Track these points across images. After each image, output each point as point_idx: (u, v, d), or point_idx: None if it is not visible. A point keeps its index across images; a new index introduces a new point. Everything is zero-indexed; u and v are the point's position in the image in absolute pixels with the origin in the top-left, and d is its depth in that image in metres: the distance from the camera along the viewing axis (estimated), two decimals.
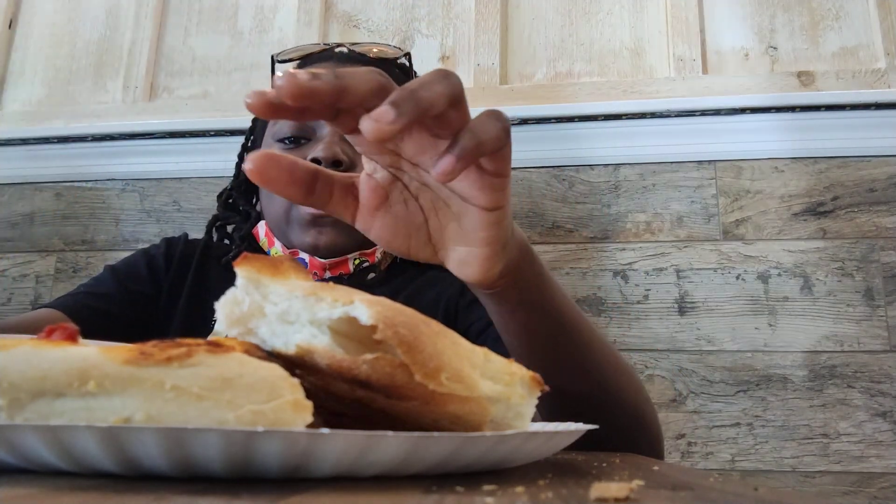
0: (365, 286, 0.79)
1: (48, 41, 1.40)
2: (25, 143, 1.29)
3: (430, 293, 0.80)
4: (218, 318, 0.30)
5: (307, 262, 0.78)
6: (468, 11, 1.26)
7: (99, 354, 0.22)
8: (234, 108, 1.26)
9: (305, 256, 0.78)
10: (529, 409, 0.29)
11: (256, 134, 0.90)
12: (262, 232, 0.85)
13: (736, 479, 0.94)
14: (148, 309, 0.80)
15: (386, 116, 0.32)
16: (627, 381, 0.57)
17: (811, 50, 1.16)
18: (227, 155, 1.02)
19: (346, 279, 0.80)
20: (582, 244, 1.13)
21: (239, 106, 1.22)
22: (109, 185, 1.29)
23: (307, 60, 0.85)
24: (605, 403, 0.54)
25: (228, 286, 0.31)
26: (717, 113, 1.12)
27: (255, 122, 0.93)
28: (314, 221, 0.76)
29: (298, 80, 0.32)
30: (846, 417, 1.00)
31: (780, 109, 1.11)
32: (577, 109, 1.15)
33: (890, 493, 0.96)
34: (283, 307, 0.28)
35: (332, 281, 0.78)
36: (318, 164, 0.69)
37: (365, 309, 0.26)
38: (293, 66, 0.86)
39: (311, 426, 0.23)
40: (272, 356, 0.27)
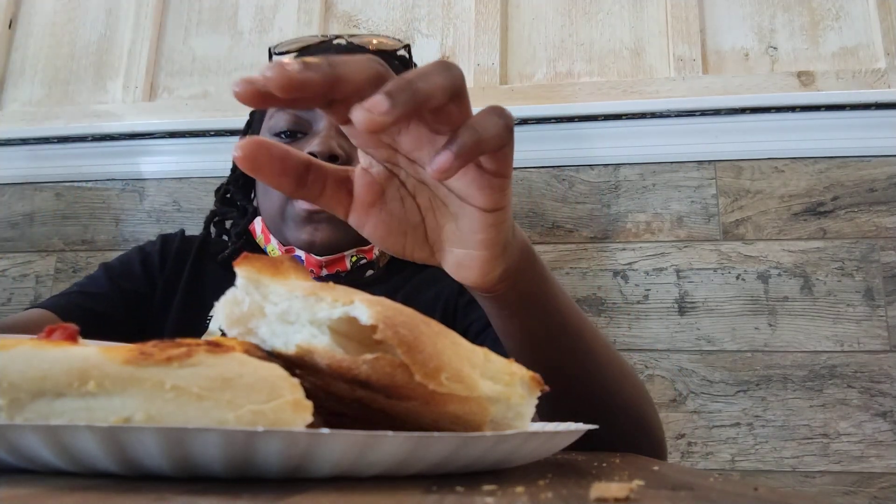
0: (363, 284, 0.78)
1: (48, 41, 1.40)
2: (25, 143, 1.29)
3: (428, 291, 0.79)
4: (217, 317, 0.30)
5: (303, 259, 0.77)
6: (468, 11, 1.26)
7: (99, 354, 0.22)
8: (234, 108, 1.26)
9: (301, 254, 0.77)
10: (529, 409, 0.29)
11: (254, 128, 0.88)
12: (258, 228, 0.84)
13: (736, 479, 0.94)
14: (142, 307, 0.80)
15: (379, 107, 0.30)
16: (629, 383, 0.56)
17: (811, 50, 1.16)
18: (227, 155, 1.01)
19: (343, 276, 0.78)
20: (582, 244, 1.13)
21: (239, 106, 1.22)
22: (109, 185, 1.29)
23: (305, 52, 0.83)
24: (606, 406, 0.53)
25: (224, 283, 0.30)
26: (717, 113, 1.12)
27: (252, 115, 0.91)
28: (310, 218, 0.74)
29: (288, 71, 0.30)
30: (846, 417, 1.00)
31: (780, 109, 1.11)
32: (577, 109, 1.15)
33: (890, 493, 0.96)
34: (283, 307, 0.28)
35: (329, 278, 0.78)
36: None
37: (365, 309, 0.26)
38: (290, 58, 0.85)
39: (311, 426, 0.23)
40: (272, 356, 0.27)
